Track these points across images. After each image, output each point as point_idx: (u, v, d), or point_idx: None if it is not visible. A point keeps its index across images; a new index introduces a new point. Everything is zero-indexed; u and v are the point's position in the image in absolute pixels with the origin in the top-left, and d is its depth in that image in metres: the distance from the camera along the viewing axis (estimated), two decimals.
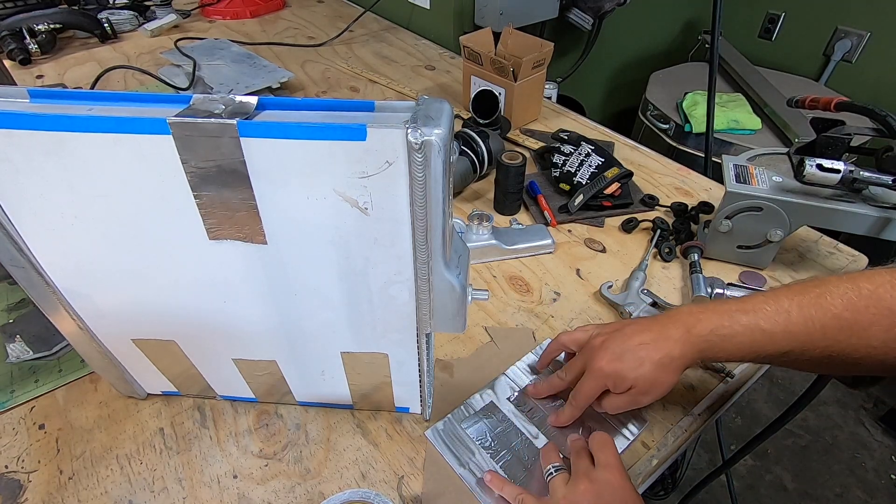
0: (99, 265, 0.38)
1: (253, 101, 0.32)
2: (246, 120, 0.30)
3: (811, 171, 0.56)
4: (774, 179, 0.62)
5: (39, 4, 1.32)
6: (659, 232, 0.72)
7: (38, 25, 1.20)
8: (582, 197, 0.76)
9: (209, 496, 0.47)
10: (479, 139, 0.80)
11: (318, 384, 0.50)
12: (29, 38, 1.19)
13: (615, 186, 0.77)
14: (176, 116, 0.30)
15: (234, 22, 1.48)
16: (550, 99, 1.22)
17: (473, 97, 0.91)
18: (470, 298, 0.42)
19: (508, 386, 0.55)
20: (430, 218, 0.33)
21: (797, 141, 1.34)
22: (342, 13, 1.52)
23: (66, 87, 1.11)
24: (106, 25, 1.30)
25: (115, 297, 0.41)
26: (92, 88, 1.05)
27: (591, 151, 0.81)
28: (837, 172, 0.55)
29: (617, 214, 0.78)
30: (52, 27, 1.22)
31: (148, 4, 1.45)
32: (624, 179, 0.79)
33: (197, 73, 1.09)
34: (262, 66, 1.13)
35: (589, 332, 0.51)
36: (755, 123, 1.44)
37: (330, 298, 0.40)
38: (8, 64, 1.06)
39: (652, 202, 0.79)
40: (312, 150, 0.31)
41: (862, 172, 0.55)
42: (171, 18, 1.37)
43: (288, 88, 1.11)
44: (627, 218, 0.76)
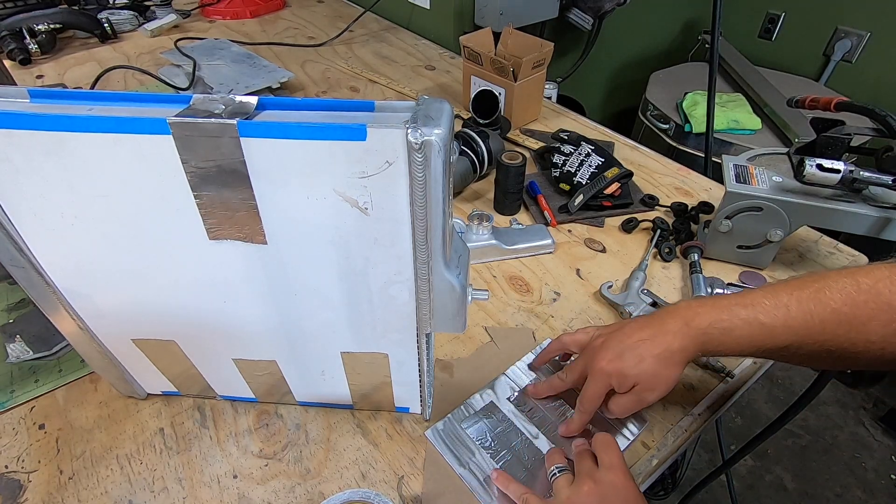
0: (99, 265, 0.38)
1: (253, 101, 0.32)
2: (246, 120, 0.30)
3: (811, 171, 0.56)
4: (774, 179, 0.62)
5: (39, 4, 1.32)
6: (659, 232, 0.72)
7: (38, 25, 1.20)
8: (582, 197, 0.76)
9: (209, 496, 0.47)
10: (479, 139, 0.80)
11: (318, 384, 0.50)
12: (29, 38, 1.19)
13: (615, 186, 0.77)
14: (176, 116, 0.30)
15: (234, 22, 1.48)
16: (550, 99, 1.22)
17: (473, 97, 0.91)
18: (470, 298, 0.42)
19: (508, 386, 0.55)
20: (430, 218, 0.33)
21: (797, 141, 1.34)
22: (342, 13, 1.52)
23: (66, 87, 1.11)
24: (106, 25, 1.30)
25: (115, 297, 0.41)
26: (92, 88, 1.05)
27: (591, 151, 0.81)
28: (837, 172, 0.55)
29: (617, 214, 0.78)
30: (52, 27, 1.22)
31: (148, 4, 1.45)
32: (624, 179, 0.79)
33: (197, 73, 1.09)
34: (262, 66, 1.13)
35: (590, 333, 0.51)
36: (755, 123, 1.44)
37: (330, 298, 0.40)
38: (8, 64, 1.06)
39: (652, 202, 0.79)
40: (312, 150, 0.31)
41: (862, 172, 0.55)
42: (171, 18, 1.37)
43: (288, 88, 1.11)
44: (627, 218, 0.76)
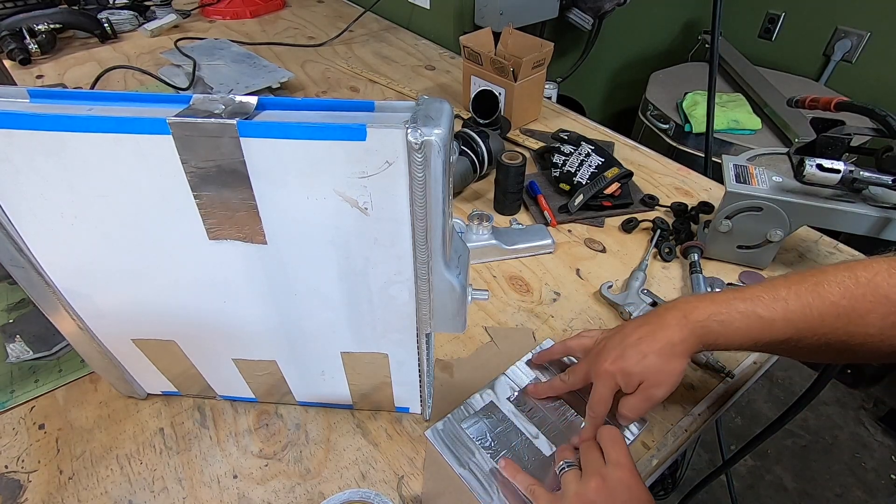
0: (99, 265, 0.38)
1: (253, 101, 0.32)
2: (246, 120, 0.30)
3: (811, 171, 0.56)
4: (774, 179, 0.62)
5: (39, 4, 1.32)
6: (659, 232, 0.72)
7: (38, 25, 1.20)
8: (582, 197, 0.76)
9: (209, 496, 0.47)
10: (479, 139, 0.80)
11: (318, 384, 0.50)
12: (29, 38, 1.19)
13: (615, 186, 0.77)
14: (176, 116, 0.30)
15: (234, 22, 1.48)
16: (550, 99, 1.22)
17: (473, 97, 0.91)
18: (470, 298, 0.42)
19: (508, 386, 0.55)
20: (430, 218, 0.33)
21: (797, 141, 1.34)
22: (342, 13, 1.52)
23: (66, 87, 1.11)
24: (106, 25, 1.30)
25: (115, 297, 0.41)
26: (92, 88, 1.05)
27: (591, 151, 0.81)
28: (837, 172, 0.55)
29: (617, 214, 0.78)
30: (52, 27, 1.22)
31: (148, 4, 1.45)
32: (624, 179, 0.79)
33: (197, 73, 1.09)
34: (262, 66, 1.13)
35: (594, 337, 0.51)
36: (755, 123, 1.44)
37: (330, 298, 0.40)
38: (8, 64, 1.06)
39: (652, 202, 0.79)
40: (312, 150, 0.31)
41: (862, 172, 0.55)
42: (171, 18, 1.38)
43: (288, 88, 1.11)
44: (627, 218, 0.76)
